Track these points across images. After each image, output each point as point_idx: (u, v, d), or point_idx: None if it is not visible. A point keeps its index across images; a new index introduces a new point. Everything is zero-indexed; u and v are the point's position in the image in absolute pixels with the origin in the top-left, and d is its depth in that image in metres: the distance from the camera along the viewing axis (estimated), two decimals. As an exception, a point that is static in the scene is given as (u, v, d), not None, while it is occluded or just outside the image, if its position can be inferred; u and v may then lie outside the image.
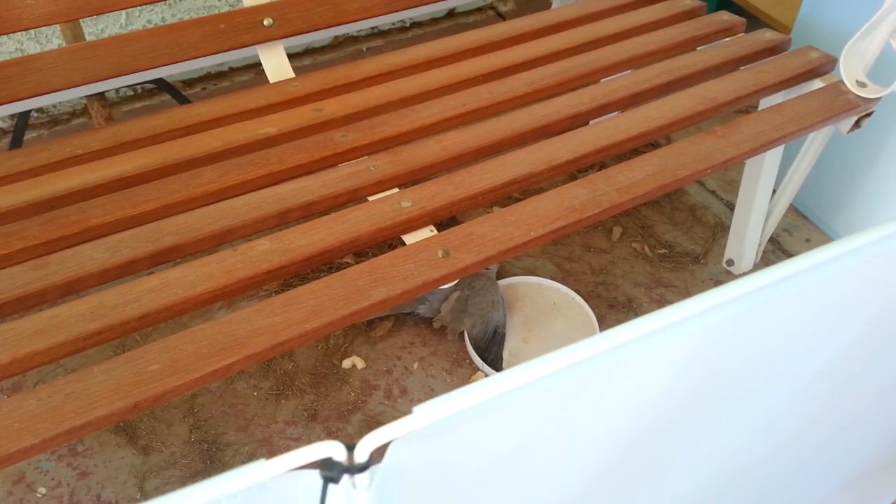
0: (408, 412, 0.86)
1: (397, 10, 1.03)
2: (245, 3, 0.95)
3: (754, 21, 1.63)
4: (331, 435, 1.07)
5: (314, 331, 0.63)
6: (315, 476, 0.27)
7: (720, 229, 1.32)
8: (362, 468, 0.27)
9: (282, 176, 0.79)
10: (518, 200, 0.80)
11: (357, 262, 0.69)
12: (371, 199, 0.77)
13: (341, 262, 0.91)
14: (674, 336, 0.34)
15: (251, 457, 1.03)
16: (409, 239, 0.72)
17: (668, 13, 1.09)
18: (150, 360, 0.60)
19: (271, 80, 0.96)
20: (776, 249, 1.30)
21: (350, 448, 0.27)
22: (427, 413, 0.29)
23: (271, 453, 1.03)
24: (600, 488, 0.41)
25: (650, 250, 1.30)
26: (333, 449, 0.27)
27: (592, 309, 1.17)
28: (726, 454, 0.47)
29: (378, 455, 0.29)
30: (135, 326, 0.63)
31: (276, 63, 0.96)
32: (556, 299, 1.20)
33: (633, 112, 0.88)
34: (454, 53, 0.99)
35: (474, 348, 1.13)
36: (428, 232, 0.72)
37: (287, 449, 1.04)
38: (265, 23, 0.95)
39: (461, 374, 1.13)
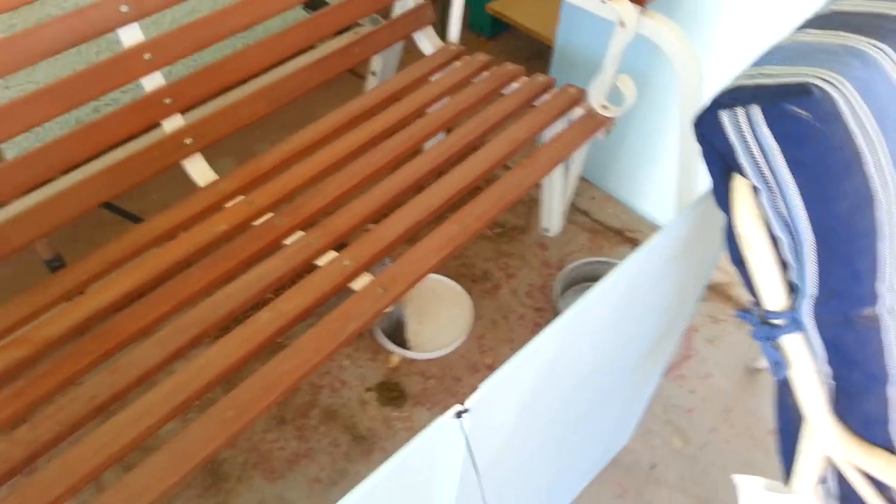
0: (352, 398, 1.30)
1: (279, 106, 1.35)
2: (167, 131, 1.22)
3: (524, 38, 2.10)
4: (299, 431, 1.41)
5: (319, 362, 0.98)
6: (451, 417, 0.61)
7: (534, 204, 1.80)
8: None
9: (251, 260, 1.11)
10: (417, 240, 1.18)
11: (327, 313, 1.05)
12: (319, 263, 1.11)
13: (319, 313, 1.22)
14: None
15: (246, 465, 1.35)
16: (355, 286, 1.08)
17: (469, 69, 1.49)
18: (226, 407, 0.92)
19: (200, 184, 1.25)
20: (574, 210, 1.79)
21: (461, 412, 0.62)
22: (509, 366, 0.65)
23: (260, 457, 1.36)
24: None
25: (490, 231, 1.75)
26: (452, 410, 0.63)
27: (461, 285, 1.60)
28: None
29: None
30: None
31: (200, 170, 1.25)
32: (434, 286, 1.61)
33: (469, 161, 1.29)
34: (332, 130, 1.33)
35: (386, 337, 1.51)
36: (368, 278, 1.09)
37: (270, 452, 1.37)
38: (186, 142, 1.23)
39: (380, 359, 1.51)
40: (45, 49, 1.07)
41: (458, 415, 0.60)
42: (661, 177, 1.70)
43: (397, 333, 1.54)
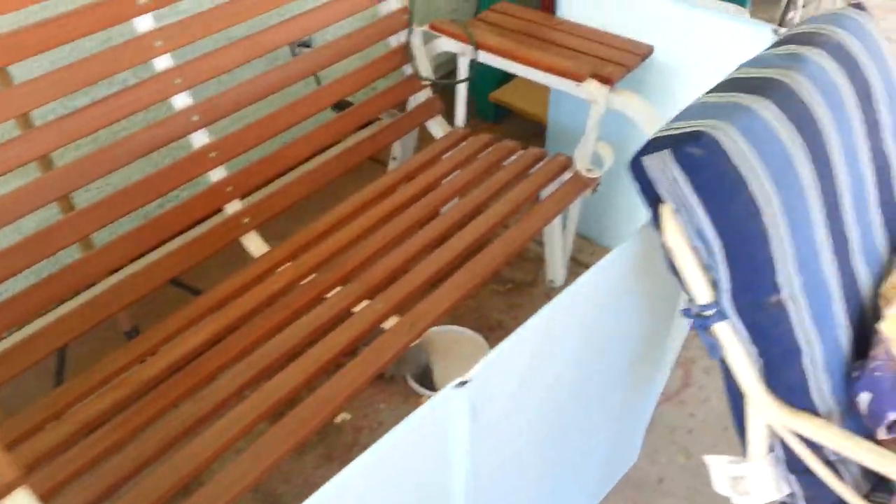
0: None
1: (318, 188, 1.62)
2: (228, 212, 1.49)
3: (523, 121, 2.39)
4: (345, 466, 1.60)
5: (359, 387, 1.20)
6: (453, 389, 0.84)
7: (540, 262, 2.03)
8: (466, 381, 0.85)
9: (301, 311, 1.35)
10: (436, 285, 1.42)
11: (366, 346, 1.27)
12: (355, 310, 1.35)
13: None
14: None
15: (300, 496, 1.54)
16: (386, 325, 1.31)
17: (473, 147, 1.76)
18: (285, 424, 1.14)
19: (255, 255, 1.51)
20: (574, 264, 2.02)
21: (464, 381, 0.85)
22: (506, 345, 0.87)
23: (313, 489, 1.55)
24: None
25: (502, 287, 1.98)
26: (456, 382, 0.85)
27: (479, 334, 1.82)
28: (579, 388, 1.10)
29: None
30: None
31: (255, 244, 1.51)
32: (455, 336, 1.83)
33: (476, 221, 1.54)
34: (362, 204, 1.60)
35: (416, 382, 1.72)
36: (396, 318, 1.32)
37: (321, 485, 1.56)
38: (244, 221, 1.50)
39: (412, 402, 1.72)
40: (122, 157, 1.36)
41: (462, 384, 0.82)
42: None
43: (425, 379, 1.75)
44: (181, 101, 1.43)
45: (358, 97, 1.72)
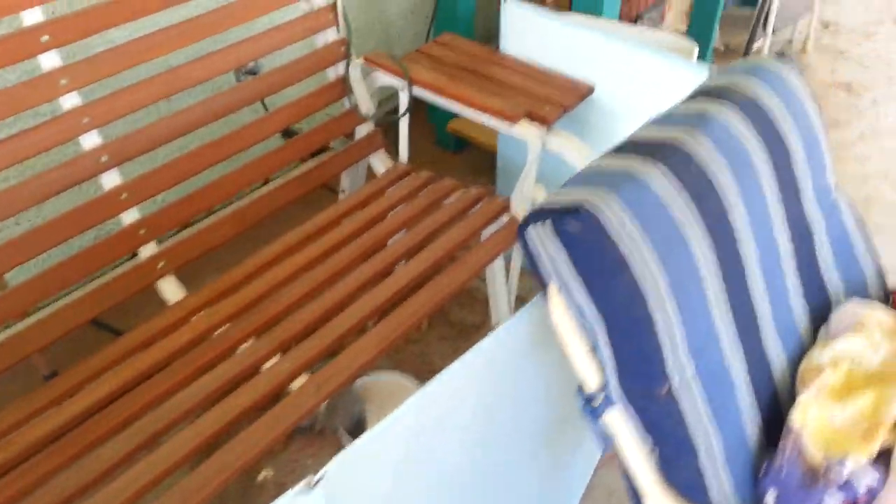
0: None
1: (246, 228, 1.55)
2: (142, 256, 1.42)
3: (483, 151, 2.32)
4: (266, 523, 1.52)
5: (256, 454, 1.13)
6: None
7: (488, 302, 1.95)
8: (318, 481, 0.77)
9: (206, 367, 1.27)
10: (358, 335, 1.34)
11: (269, 407, 1.20)
12: (264, 368, 1.28)
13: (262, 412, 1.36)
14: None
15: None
16: (293, 386, 1.24)
17: (414, 185, 1.69)
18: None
19: (171, 302, 1.43)
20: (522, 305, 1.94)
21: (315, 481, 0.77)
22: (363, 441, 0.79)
23: (229, 548, 1.47)
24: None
25: (449, 330, 1.90)
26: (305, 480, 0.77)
27: (421, 382, 1.73)
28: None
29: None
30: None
31: (171, 289, 1.44)
32: (392, 385, 1.75)
33: (406, 267, 1.46)
34: (294, 244, 1.52)
35: (349, 434, 1.64)
36: (304, 378, 1.24)
37: (239, 542, 1.48)
38: (159, 266, 1.43)
39: (344, 453, 1.63)
40: (31, 197, 1.30)
41: (313, 484, 0.74)
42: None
43: (360, 431, 1.67)
44: (90, 140, 1.36)
45: (304, 126, 1.65)
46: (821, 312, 1.00)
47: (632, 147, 0.88)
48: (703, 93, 0.96)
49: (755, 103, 0.93)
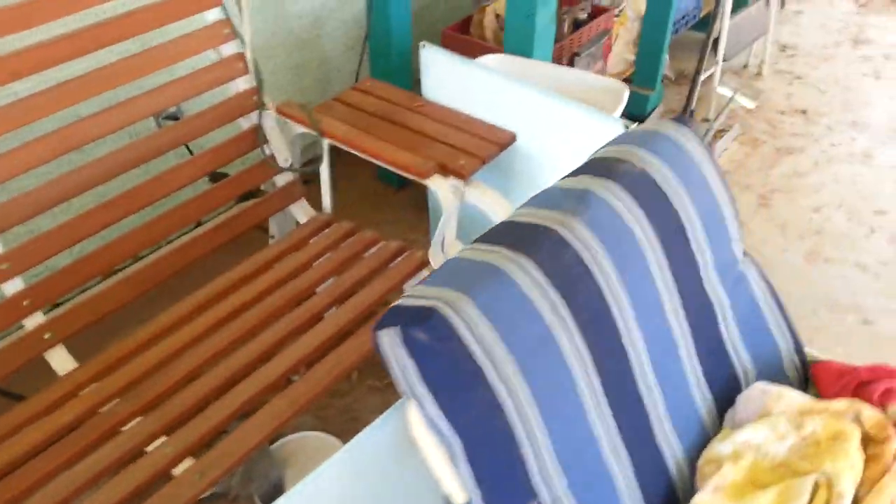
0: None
1: (147, 289, 1.46)
2: (28, 328, 1.33)
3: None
4: None
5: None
6: None
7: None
8: None
9: (91, 447, 1.18)
10: (250, 414, 1.25)
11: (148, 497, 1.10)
12: (148, 449, 1.18)
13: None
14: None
15: None
16: (176, 471, 1.14)
17: (336, 234, 1.61)
18: None
19: (60, 374, 1.34)
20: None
21: None
22: None
23: None
24: None
25: (380, 381, 1.81)
26: None
27: (347, 440, 1.64)
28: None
29: None
30: None
31: (60, 361, 1.34)
32: (314, 444, 1.65)
33: (330, 316, 1.38)
34: (217, 293, 1.43)
35: (264, 503, 1.54)
36: (189, 463, 1.15)
37: None
38: (46, 336, 1.33)
39: (261, 526, 1.54)
40: None
41: None
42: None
43: (277, 497, 1.57)
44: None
45: (231, 171, 1.57)
46: (729, 394, 0.93)
47: (503, 233, 0.80)
48: (587, 169, 0.88)
49: (644, 177, 0.86)
